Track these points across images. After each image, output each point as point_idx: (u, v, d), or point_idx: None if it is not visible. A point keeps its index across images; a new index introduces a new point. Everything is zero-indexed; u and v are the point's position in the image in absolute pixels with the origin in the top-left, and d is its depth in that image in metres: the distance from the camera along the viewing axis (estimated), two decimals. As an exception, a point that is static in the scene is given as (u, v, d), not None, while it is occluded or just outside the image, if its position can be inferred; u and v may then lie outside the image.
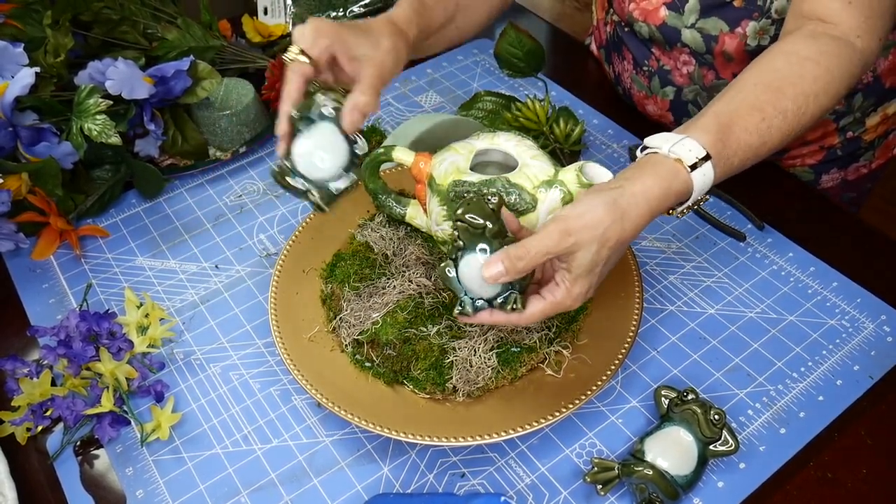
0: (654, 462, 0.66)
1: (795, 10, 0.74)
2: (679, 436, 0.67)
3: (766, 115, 0.67)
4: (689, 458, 0.66)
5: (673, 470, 0.65)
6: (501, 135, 0.76)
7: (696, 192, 0.65)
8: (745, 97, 0.68)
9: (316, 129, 0.70)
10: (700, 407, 0.67)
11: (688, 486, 0.66)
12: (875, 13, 0.71)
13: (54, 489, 0.70)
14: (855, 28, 0.71)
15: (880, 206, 1.88)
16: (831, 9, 0.71)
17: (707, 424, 0.66)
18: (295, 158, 0.70)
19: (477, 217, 0.61)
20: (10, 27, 0.93)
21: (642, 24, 0.93)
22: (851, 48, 0.70)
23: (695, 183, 0.64)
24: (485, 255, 0.62)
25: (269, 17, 1.23)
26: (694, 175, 0.64)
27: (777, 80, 0.68)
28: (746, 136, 0.66)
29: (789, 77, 0.68)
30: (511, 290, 0.63)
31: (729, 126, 0.66)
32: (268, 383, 0.77)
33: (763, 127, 0.66)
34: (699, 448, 0.67)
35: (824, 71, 0.68)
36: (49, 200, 0.85)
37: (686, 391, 0.68)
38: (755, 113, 0.67)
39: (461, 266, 0.64)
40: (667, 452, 0.66)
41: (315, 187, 0.70)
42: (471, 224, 0.61)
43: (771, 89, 0.68)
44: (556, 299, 0.62)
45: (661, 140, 0.65)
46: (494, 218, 0.61)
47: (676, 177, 0.63)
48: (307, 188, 0.70)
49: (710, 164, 0.64)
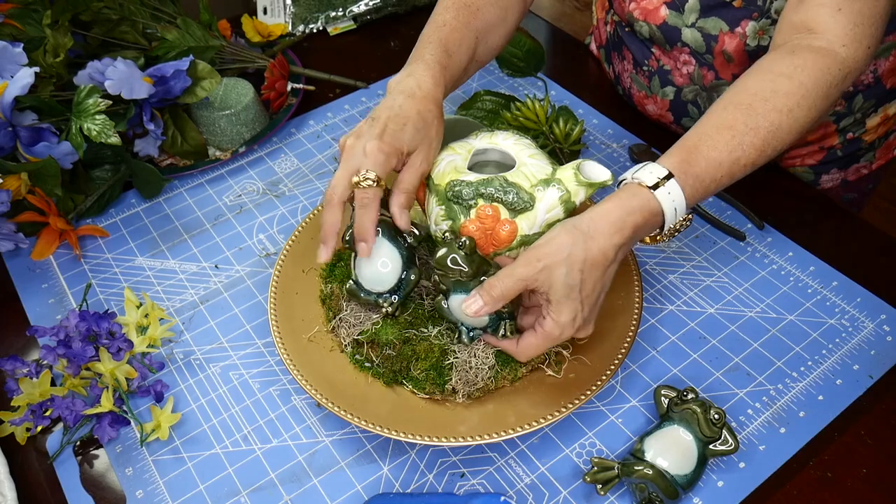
0: (653, 462, 0.66)
1: (785, 22, 0.74)
2: (679, 435, 0.67)
3: (736, 132, 0.68)
4: (689, 458, 0.66)
5: (673, 469, 0.65)
6: (500, 134, 0.76)
7: (669, 212, 0.66)
8: (714, 119, 0.69)
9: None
10: (700, 406, 0.67)
11: (688, 486, 0.66)
12: (864, 20, 0.71)
13: (54, 489, 0.70)
14: (841, 36, 0.71)
15: (881, 206, 1.88)
16: (819, 17, 0.71)
17: (707, 424, 0.66)
18: (359, 276, 0.73)
19: (452, 266, 0.66)
20: (9, 27, 0.93)
21: (642, 24, 0.92)
22: (832, 58, 0.70)
23: (662, 202, 0.65)
24: (466, 292, 0.67)
25: (269, 17, 1.23)
26: (658, 194, 0.65)
27: (748, 98, 0.69)
28: (715, 154, 0.67)
29: (760, 93, 0.69)
30: (500, 318, 0.69)
31: (696, 146, 0.68)
32: (267, 383, 0.77)
33: (733, 143, 0.67)
34: (699, 447, 0.67)
35: (797, 85, 0.69)
36: (49, 200, 0.85)
37: (686, 391, 0.68)
38: (724, 131, 0.68)
39: (451, 301, 0.70)
40: (667, 452, 0.66)
41: (380, 296, 0.74)
42: (448, 272, 0.66)
43: (741, 107, 0.69)
44: (546, 329, 0.65)
45: (628, 172, 0.68)
46: (468, 261, 0.66)
47: (636, 196, 0.65)
48: (375, 298, 0.74)
49: (675, 182, 0.65)
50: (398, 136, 0.68)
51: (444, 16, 0.79)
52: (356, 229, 0.70)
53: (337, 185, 0.69)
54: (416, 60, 0.75)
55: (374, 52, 1.18)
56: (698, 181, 0.67)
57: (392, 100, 0.71)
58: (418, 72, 0.73)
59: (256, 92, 1.03)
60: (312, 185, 0.96)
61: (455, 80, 0.78)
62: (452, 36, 0.77)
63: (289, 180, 0.97)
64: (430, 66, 0.74)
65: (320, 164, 0.99)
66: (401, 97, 0.71)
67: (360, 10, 1.22)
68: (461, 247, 0.66)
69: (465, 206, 0.71)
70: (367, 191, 0.67)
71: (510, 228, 0.70)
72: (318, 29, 1.23)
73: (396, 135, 0.68)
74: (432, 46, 0.75)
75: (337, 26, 1.23)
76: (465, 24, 0.79)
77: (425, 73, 0.73)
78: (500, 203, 0.70)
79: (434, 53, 0.75)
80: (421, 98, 0.71)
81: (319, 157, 1.00)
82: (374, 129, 0.69)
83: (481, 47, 0.81)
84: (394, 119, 0.69)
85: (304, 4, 1.21)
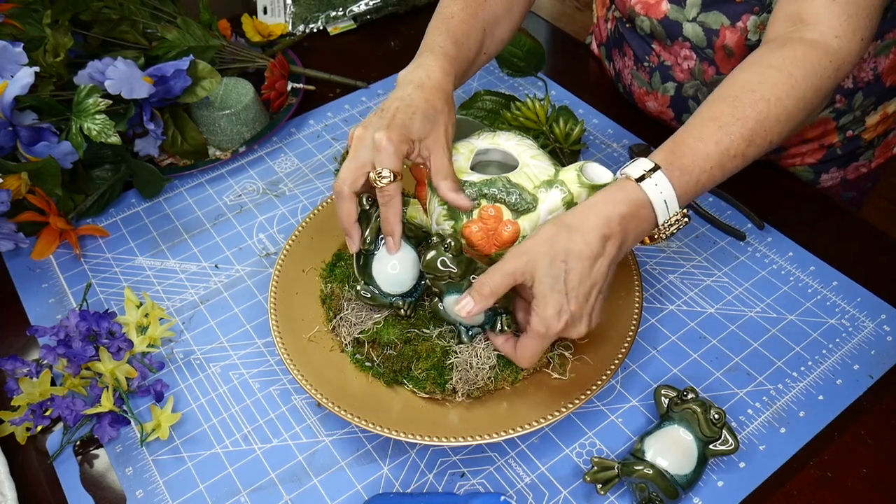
0: (653, 461, 0.66)
1: (779, 12, 0.74)
2: (679, 435, 0.67)
3: (723, 122, 0.67)
4: (689, 458, 0.66)
5: (672, 469, 0.65)
6: (502, 134, 0.76)
7: (658, 204, 0.65)
8: (702, 113, 0.69)
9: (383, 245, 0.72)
10: (700, 406, 0.67)
11: (688, 486, 0.66)
12: (859, 11, 0.70)
13: (54, 489, 0.70)
14: (835, 27, 0.70)
15: (881, 205, 1.88)
16: (812, 7, 0.71)
17: (707, 424, 0.66)
18: (376, 278, 0.73)
19: (441, 269, 0.67)
20: (9, 27, 0.93)
21: (644, 18, 0.92)
22: (824, 50, 0.70)
23: (648, 193, 0.65)
24: (459, 293, 0.67)
25: (269, 17, 1.23)
26: (645, 185, 0.65)
27: (735, 90, 0.69)
28: (702, 145, 0.67)
29: (747, 85, 0.69)
30: (496, 314, 0.69)
31: (682, 139, 0.67)
32: (267, 383, 0.77)
33: (720, 134, 0.67)
34: (699, 447, 0.67)
35: (786, 76, 0.69)
36: (49, 200, 0.85)
37: (686, 390, 0.68)
38: (709, 123, 0.68)
39: (446, 302, 0.70)
40: (666, 452, 0.66)
41: (399, 298, 0.74)
42: (437, 276, 0.67)
43: (728, 99, 0.69)
44: (532, 327, 0.64)
45: (620, 169, 0.68)
46: (457, 262, 0.66)
47: (622, 189, 0.65)
48: (392, 301, 0.74)
49: (662, 174, 0.65)
50: (407, 125, 0.68)
51: (452, 7, 0.79)
52: (383, 225, 0.70)
53: (346, 178, 0.69)
54: (424, 52, 0.75)
55: (374, 52, 1.18)
56: (686, 172, 0.66)
57: (402, 90, 0.71)
58: (427, 63, 0.73)
59: (256, 92, 1.03)
60: (312, 185, 0.96)
61: (464, 71, 0.78)
62: (460, 27, 0.77)
63: (289, 180, 0.97)
64: (438, 57, 0.74)
65: (320, 163, 0.99)
66: (409, 87, 0.71)
67: (361, 9, 1.22)
68: (447, 248, 0.66)
69: (467, 206, 0.71)
70: (388, 187, 0.67)
71: (513, 229, 0.70)
72: (318, 29, 1.23)
73: (405, 123, 0.68)
74: (441, 38, 0.76)
75: (337, 26, 1.23)
76: (473, 16, 0.79)
77: (434, 64, 0.73)
78: (502, 204, 0.70)
79: (443, 45, 0.75)
80: (430, 88, 0.71)
81: (319, 157, 1.00)
82: (383, 119, 0.69)
83: (488, 39, 0.81)
84: (403, 109, 0.69)
85: (304, 4, 1.21)
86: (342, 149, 1.01)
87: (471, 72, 0.81)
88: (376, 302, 0.74)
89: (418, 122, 0.69)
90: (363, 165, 0.68)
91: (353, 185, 0.69)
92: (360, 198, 0.70)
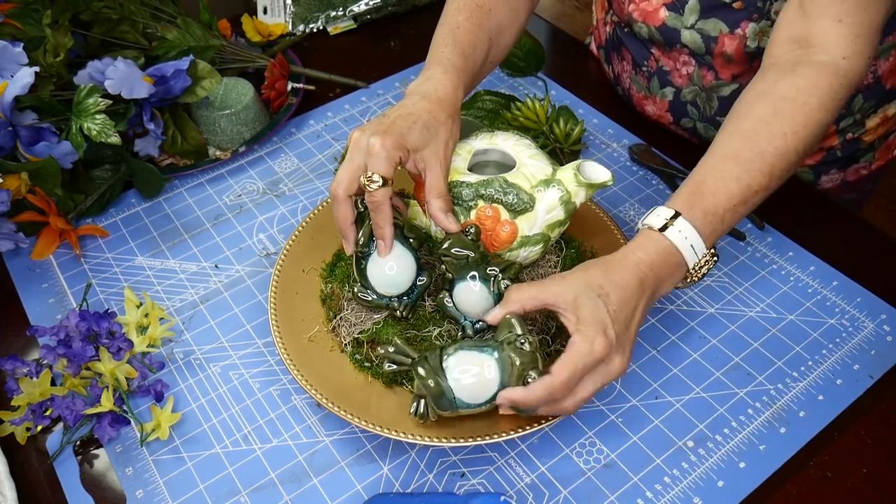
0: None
1: (782, 35, 0.73)
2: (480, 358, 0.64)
3: (741, 159, 0.68)
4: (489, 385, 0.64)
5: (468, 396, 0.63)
6: (500, 134, 0.76)
7: (685, 250, 0.66)
8: (718, 150, 0.69)
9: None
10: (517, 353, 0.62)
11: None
12: (865, 31, 0.70)
13: (54, 489, 0.70)
14: (843, 49, 0.70)
15: (882, 205, 1.88)
16: (819, 28, 0.71)
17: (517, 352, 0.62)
18: (371, 280, 0.73)
19: (460, 250, 0.68)
20: (9, 27, 0.93)
21: (641, 25, 0.92)
22: (833, 72, 0.70)
23: (675, 241, 0.65)
24: (474, 280, 0.68)
25: (269, 17, 1.23)
26: (669, 234, 0.65)
27: (751, 124, 0.69)
28: (722, 185, 0.67)
29: (764, 118, 0.69)
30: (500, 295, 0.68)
31: (702, 180, 0.68)
32: (267, 383, 0.77)
33: (739, 171, 0.67)
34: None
35: (801, 106, 0.69)
36: (49, 200, 0.85)
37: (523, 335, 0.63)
38: (728, 161, 0.68)
39: (455, 294, 0.70)
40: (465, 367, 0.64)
41: (395, 299, 0.74)
42: (455, 257, 0.68)
43: (746, 135, 0.69)
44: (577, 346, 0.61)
45: (640, 219, 0.69)
46: (475, 247, 0.68)
47: (649, 238, 0.66)
48: (388, 302, 0.74)
49: (685, 220, 0.66)
50: (404, 133, 0.68)
51: (457, 17, 0.79)
52: (374, 229, 0.70)
53: (341, 180, 0.69)
54: (433, 64, 0.75)
55: (374, 52, 1.18)
56: (709, 214, 0.66)
57: (407, 100, 0.72)
58: (436, 76, 0.73)
59: (256, 91, 1.03)
60: (312, 185, 0.96)
61: (471, 81, 0.78)
62: (467, 38, 0.77)
63: (289, 180, 0.97)
64: (447, 69, 0.74)
65: (320, 163, 0.99)
66: (415, 97, 0.72)
67: (361, 9, 1.22)
68: (467, 234, 0.68)
69: (465, 207, 0.71)
70: (376, 192, 0.67)
71: (510, 229, 0.70)
72: (318, 29, 1.23)
73: (402, 131, 0.68)
74: (448, 49, 0.76)
75: (337, 26, 1.23)
76: (479, 26, 0.79)
77: (443, 76, 0.73)
78: (500, 204, 0.70)
79: (450, 57, 0.75)
80: (436, 100, 0.71)
81: (319, 157, 1.00)
82: (382, 124, 0.69)
83: (494, 48, 0.81)
84: (403, 116, 0.69)
85: (304, 4, 1.21)
86: (342, 149, 1.01)
87: (477, 81, 0.81)
88: (373, 304, 0.74)
89: (417, 132, 0.69)
90: (358, 168, 0.68)
91: (348, 188, 0.69)
92: (356, 200, 0.70)
